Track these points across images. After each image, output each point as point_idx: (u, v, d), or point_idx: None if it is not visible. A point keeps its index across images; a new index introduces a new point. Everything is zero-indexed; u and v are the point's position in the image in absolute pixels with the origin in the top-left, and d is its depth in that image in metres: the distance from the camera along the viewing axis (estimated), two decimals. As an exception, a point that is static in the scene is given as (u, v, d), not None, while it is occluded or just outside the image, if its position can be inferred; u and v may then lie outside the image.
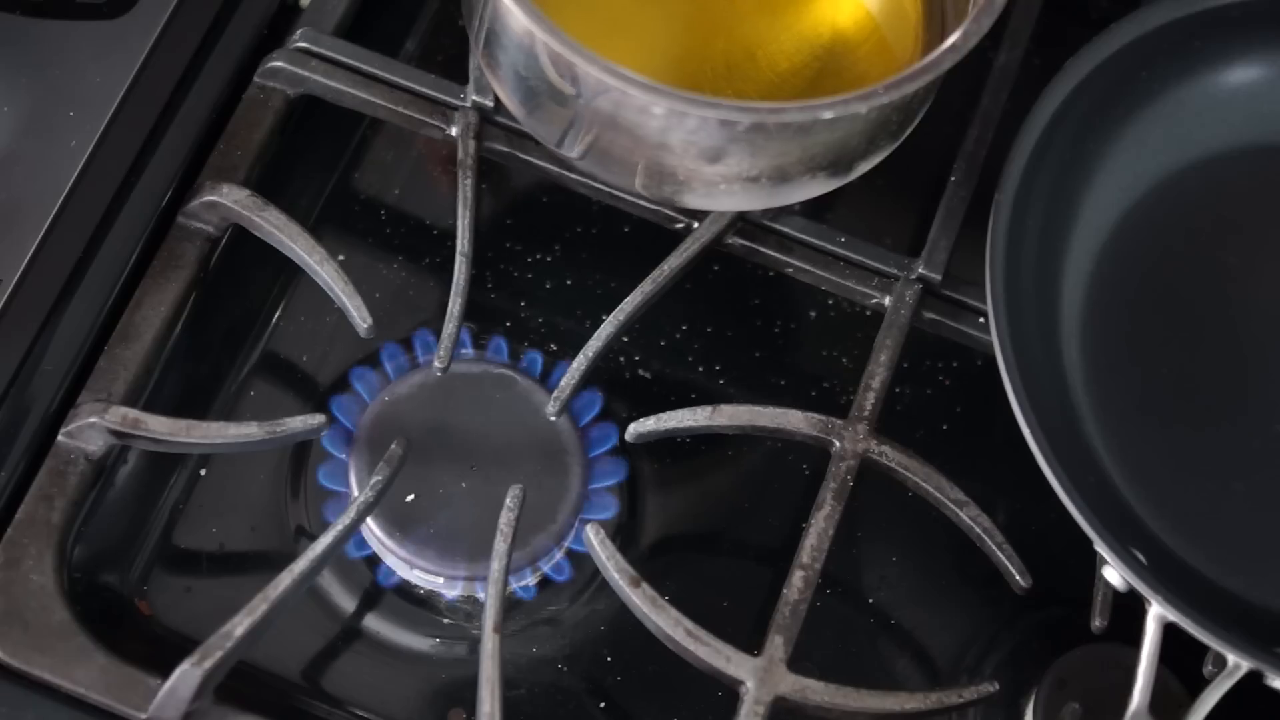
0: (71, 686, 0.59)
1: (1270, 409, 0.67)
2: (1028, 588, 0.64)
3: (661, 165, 0.60)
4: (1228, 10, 0.68)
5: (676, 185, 0.61)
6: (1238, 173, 0.71)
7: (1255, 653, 0.59)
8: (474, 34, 0.64)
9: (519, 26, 0.58)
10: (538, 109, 0.62)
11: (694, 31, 0.65)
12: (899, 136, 0.64)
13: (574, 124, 0.61)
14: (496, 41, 0.62)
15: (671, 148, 0.59)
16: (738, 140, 0.58)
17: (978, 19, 0.59)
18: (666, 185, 0.61)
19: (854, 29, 0.67)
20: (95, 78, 0.68)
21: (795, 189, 0.62)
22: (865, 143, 0.62)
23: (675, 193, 0.61)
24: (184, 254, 0.66)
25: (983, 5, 0.59)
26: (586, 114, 0.60)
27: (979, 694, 0.62)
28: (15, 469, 0.62)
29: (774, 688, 0.61)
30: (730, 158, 0.59)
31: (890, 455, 0.65)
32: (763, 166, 0.59)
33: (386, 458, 0.63)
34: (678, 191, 0.61)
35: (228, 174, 0.68)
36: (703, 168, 0.60)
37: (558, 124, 0.62)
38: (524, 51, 0.60)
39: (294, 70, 0.70)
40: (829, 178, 0.63)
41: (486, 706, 0.59)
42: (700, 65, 0.64)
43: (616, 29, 0.64)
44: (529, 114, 0.63)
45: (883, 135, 0.63)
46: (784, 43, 0.65)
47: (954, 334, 0.69)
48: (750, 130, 0.58)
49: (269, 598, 0.59)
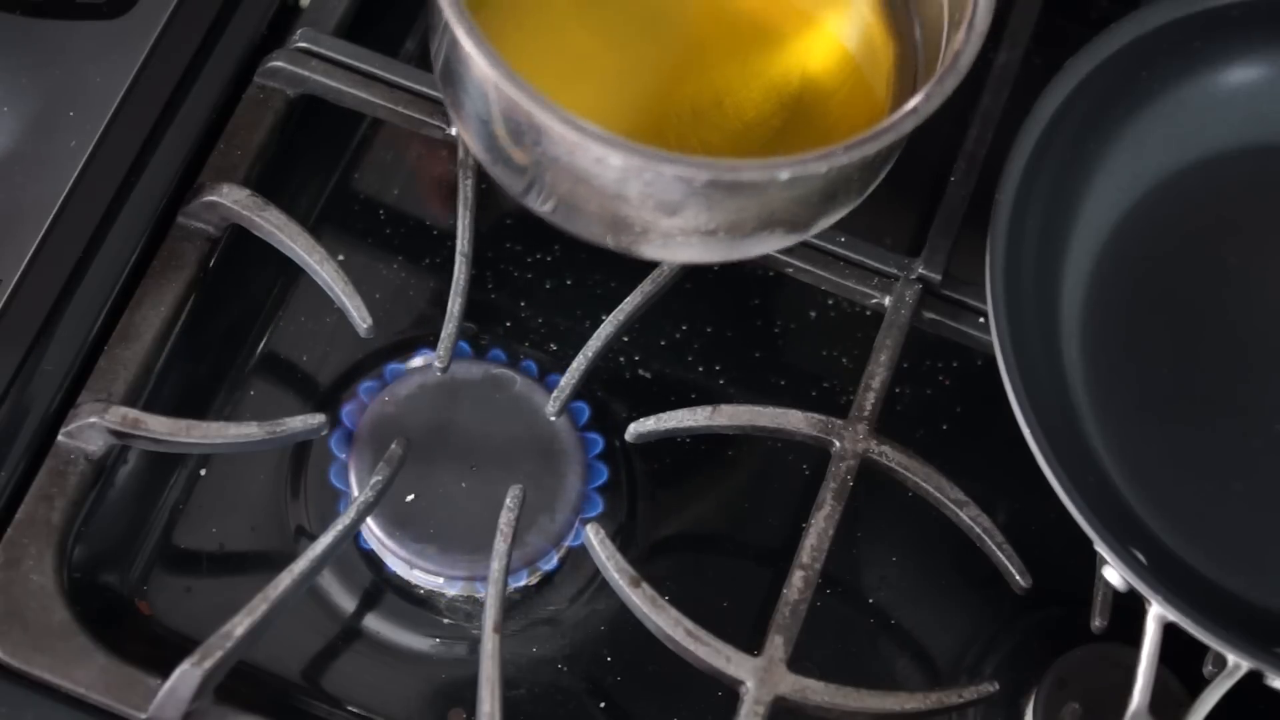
0: (71, 686, 0.59)
1: (1270, 409, 0.67)
2: (1028, 588, 0.64)
3: (617, 215, 0.58)
4: (1228, 10, 0.68)
5: (633, 236, 0.59)
6: (1238, 173, 0.71)
7: (1255, 653, 0.59)
8: (436, 69, 0.62)
9: (475, 65, 0.56)
10: (497, 153, 0.60)
11: (660, 76, 0.64)
12: (863, 193, 0.62)
13: (533, 172, 0.59)
14: (456, 79, 0.60)
15: (628, 199, 0.57)
16: (695, 195, 0.57)
17: (941, 80, 0.57)
18: (623, 235, 0.59)
19: (824, 77, 0.65)
20: (95, 78, 0.68)
21: (754, 244, 0.60)
22: (825, 200, 0.60)
23: (632, 243, 0.59)
24: (184, 254, 0.66)
25: (948, 65, 0.58)
26: (543, 160, 0.58)
27: (979, 694, 0.62)
28: (15, 469, 0.62)
29: (774, 688, 0.61)
30: (687, 211, 0.57)
31: (890, 455, 0.65)
32: (720, 221, 0.58)
33: (386, 458, 0.63)
34: (634, 242, 0.59)
35: (228, 174, 0.68)
36: (660, 220, 0.58)
37: (518, 172, 0.60)
38: (480, 91, 0.58)
39: (294, 70, 0.70)
40: (787, 233, 0.61)
41: (486, 706, 0.59)
42: (665, 111, 0.63)
43: (580, 71, 0.63)
44: (492, 162, 0.61)
45: (844, 193, 0.61)
46: (753, 90, 0.64)
47: (954, 334, 0.69)
48: (707, 186, 0.56)
49: (269, 598, 0.59)
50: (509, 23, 0.62)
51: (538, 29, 0.63)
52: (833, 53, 0.65)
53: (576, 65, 0.63)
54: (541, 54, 0.62)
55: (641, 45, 0.63)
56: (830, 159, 0.56)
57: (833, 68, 0.65)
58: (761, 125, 0.63)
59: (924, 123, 0.65)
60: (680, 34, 0.64)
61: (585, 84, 0.62)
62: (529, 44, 0.62)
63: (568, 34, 0.63)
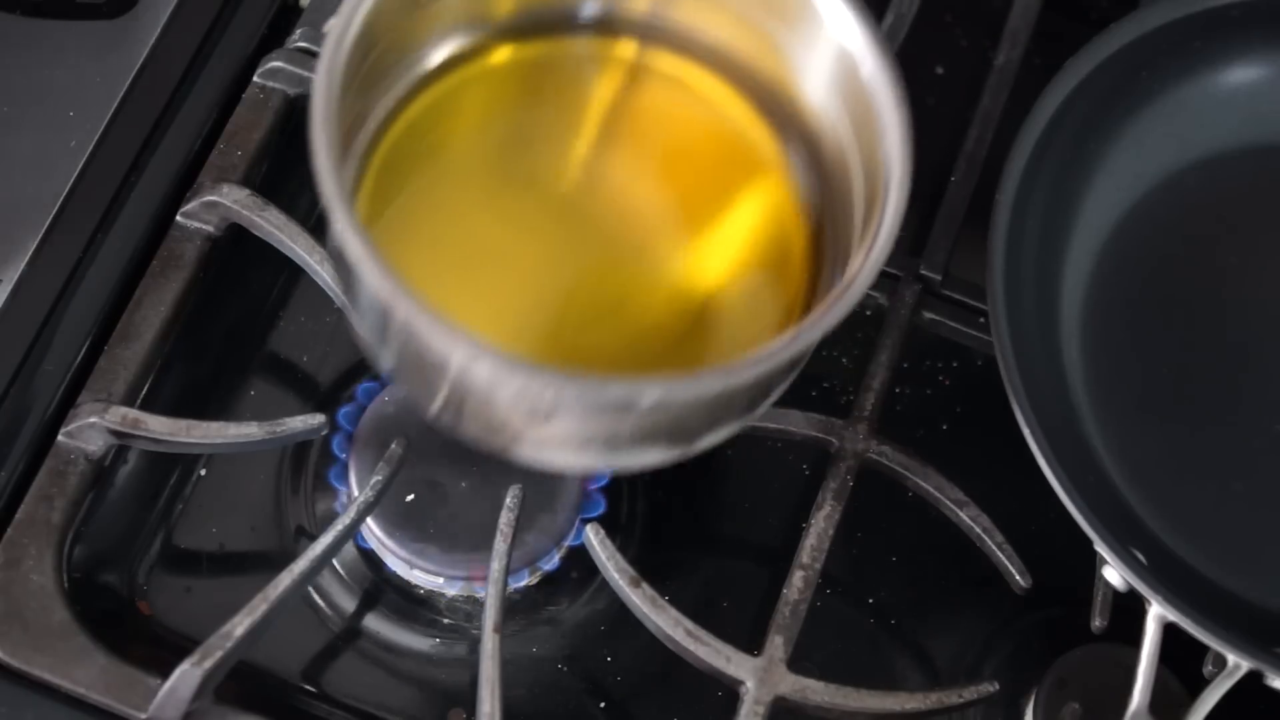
0: (71, 686, 0.59)
1: (1270, 409, 0.67)
2: (1028, 588, 0.64)
3: (491, 419, 0.56)
4: (1228, 10, 0.68)
5: (507, 439, 0.57)
6: (1238, 173, 0.71)
7: (1255, 653, 0.59)
8: (328, 244, 0.59)
9: (349, 249, 0.52)
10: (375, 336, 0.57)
11: (562, 274, 0.60)
12: (752, 410, 0.58)
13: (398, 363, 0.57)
14: (340, 261, 0.56)
15: (495, 403, 0.55)
16: (566, 406, 0.54)
17: (824, 314, 0.53)
18: (497, 437, 0.57)
19: (733, 287, 0.60)
20: (95, 78, 0.68)
21: (633, 456, 0.57)
22: (707, 419, 0.57)
23: (506, 446, 0.57)
24: (184, 254, 0.66)
25: (834, 297, 0.54)
26: (409, 356, 0.55)
27: (979, 694, 0.62)
28: (15, 469, 0.62)
29: (774, 688, 0.61)
30: (559, 421, 0.55)
31: (890, 455, 0.65)
32: (592, 433, 0.55)
33: (386, 458, 0.63)
34: (508, 446, 0.57)
35: (228, 174, 0.68)
36: (533, 428, 0.55)
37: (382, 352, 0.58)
38: (357, 278, 0.54)
39: (294, 70, 0.70)
40: (668, 448, 0.58)
41: (486, 706, 0.59)
42: (565, 310, 0.59)
43: (479, 263, 0.59)
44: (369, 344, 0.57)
45: (728, 413, 0.57)
46: (656, 294, 0.60)
47: (954, 334, 0.69)
48: (576, 399, 0.54)
49: (269, 598, 0.59)
50: (408, 208, 0.59)
51: (440, 213, 0.60)
52: (743, 261, 0.61)
53: (476, 256, 0.59)
54: (439, 242, 0.59)
55: (546, 240, 0.60)
56: (699, 383, 0.53)
57: (743, 277, 0.61)
58: (661, 330, 0.59)
59: (923, 123, 0.66)
60: (587, 231, 0.60)
61: (483, 278, 0.59)
62: (426, 229, 0.59)
63: (471, 222, 0.60)
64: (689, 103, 0.63)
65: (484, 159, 0.61)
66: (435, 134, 0.61)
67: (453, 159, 0.61)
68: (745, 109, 0.62)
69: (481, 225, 0.60)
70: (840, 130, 0.59)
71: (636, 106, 0.63)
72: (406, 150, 0.60)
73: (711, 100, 0.62)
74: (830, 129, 0.60)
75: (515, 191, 0.61)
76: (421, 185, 0.60)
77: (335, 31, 0.55)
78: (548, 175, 0.61)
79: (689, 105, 0.63)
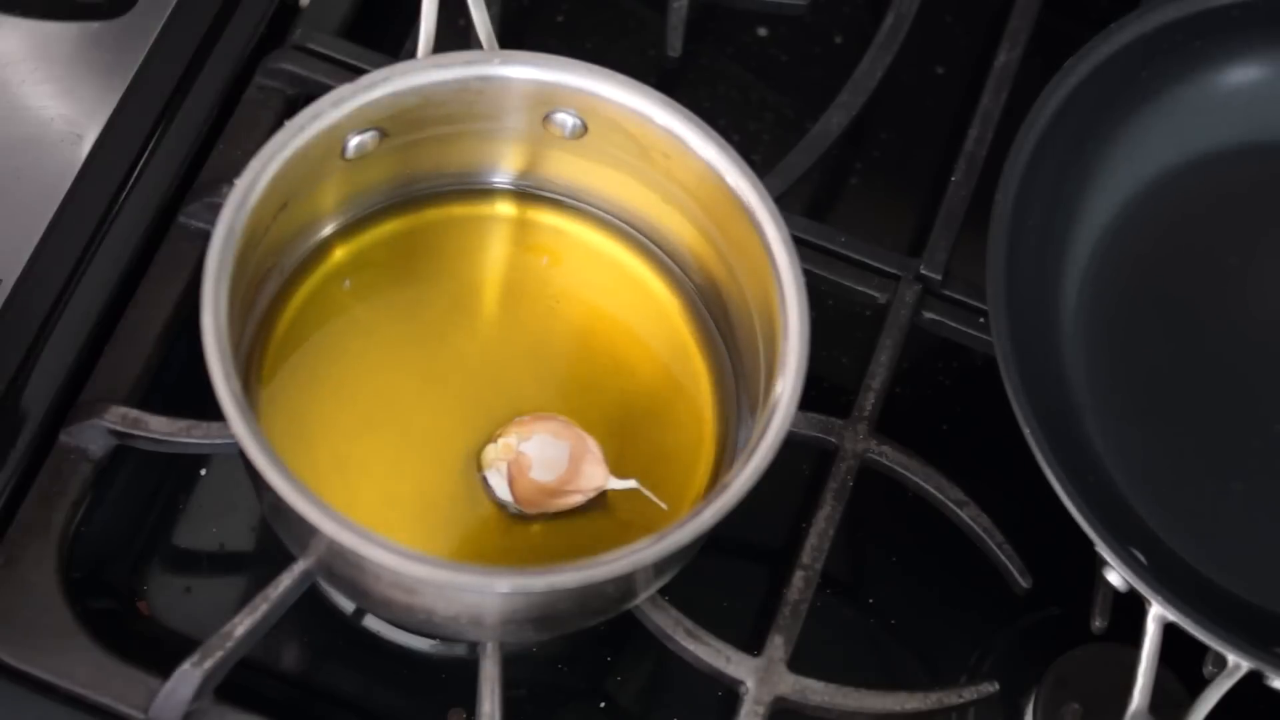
0: (71, 686, 0.59)
1: (1270, 409, 0.67)
2: (1028, 588, 0.64)
3: (358, 584, 0.57)
4: (1228, 10, 0.68)
5: (374, 605, 0.60)
6: (1238, 172, 0.71)
7: (1255, 653, 0.59)
8: None
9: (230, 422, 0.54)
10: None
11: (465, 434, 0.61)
12: (623, 604, 0.60)
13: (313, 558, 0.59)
14: None
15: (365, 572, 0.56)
16: (427, 586, 0.55)
17: (705, 510, 0.55)
18: (364, 602, 0.61)
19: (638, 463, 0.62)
20: (95, 78, 0.68)
21: (502, 634, 0.59)
22: (576, 608, 0.58)
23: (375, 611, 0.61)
24: (184, 254, 0.66)
25: (718, 495, 0.55)
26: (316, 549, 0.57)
27: (979, 694, 0.62)
28: (15, 469, 0.62)
29: (774, 688, 0.61)
30: (423, 598, 0.56)
31: (890, 455, 0.65)
32: (457, 611, 0.57)
33: (386, 458, 0.63)
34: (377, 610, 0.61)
35: (228, 174, 0.67)
36: (398, 597, 0.57)
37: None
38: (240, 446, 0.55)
39: (294, 70, 0.70)
40: (537, 632, 0.61)
41: (486, 706, 0.59)
42: (464, 471, 0.61)
43: (378, 421, 0.61)
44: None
45: (596, 603, 0.59)
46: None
47: (954, 334, 0.69)
48: (428, 581, 0.54)
49: (269, 598, 0.59)
50: (309, 364, 0.62)
51: (341, 368, 0.62)
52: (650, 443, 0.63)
53: (376, 413, 0.61)
54: (337, 397, 0.61)
55: (448, 398, 0.62)
56: (554, 578, 0.53)
57: (646, 455, 0.63)
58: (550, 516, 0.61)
59: (923, 123, 0.66)
60: (486, 391, 0.62)
61: (381, 436, 0.61)
62: (326, 384, 0.61)
63: (374, 380, 0.62)
64: (589, 260, 0.65)
65: (391, 316, 0.63)
66: (344, 292, 0.63)
67: (359, 316, 0.63)
68: (643, 261, 0.65)
69: (385, 383, 0.62)
70: (740, 280, 0.61)
71: (537, 265, 0.65)
72: (318, 305, 0.63)
73: (611, 256, 0.65)
74: (726, 280, 0.62)
75: (420, 350, 0.63)
76: (325, 340, 0.62)
77: (238, 191, 0.56)
78: (455, 335, 0.63)
79: (589, 262, 0.65)
